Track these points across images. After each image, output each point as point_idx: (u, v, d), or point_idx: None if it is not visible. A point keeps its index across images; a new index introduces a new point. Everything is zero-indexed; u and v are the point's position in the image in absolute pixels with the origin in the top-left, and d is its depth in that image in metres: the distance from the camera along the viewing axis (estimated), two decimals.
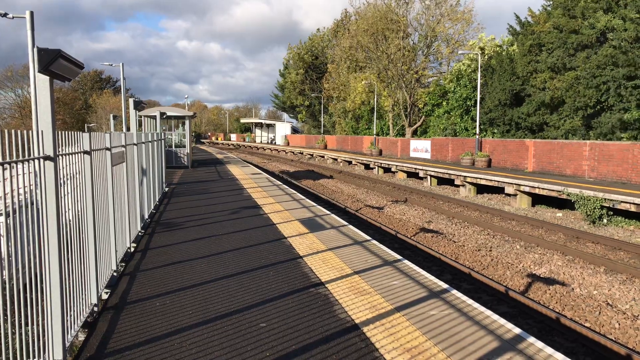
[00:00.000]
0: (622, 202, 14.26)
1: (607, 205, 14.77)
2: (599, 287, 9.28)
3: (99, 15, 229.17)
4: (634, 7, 22.36)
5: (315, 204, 13.58)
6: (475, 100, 32.50)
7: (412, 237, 13.77)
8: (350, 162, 39.38)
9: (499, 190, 20.73)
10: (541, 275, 10.22)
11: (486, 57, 35.53)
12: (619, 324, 7.76)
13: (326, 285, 6.25)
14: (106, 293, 6.04)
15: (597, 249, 12.27)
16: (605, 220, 14.96)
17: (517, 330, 4.88)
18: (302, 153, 52.87)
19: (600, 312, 8.24)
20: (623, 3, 23.83)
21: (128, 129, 29.20)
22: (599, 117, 24.70)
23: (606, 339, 6.94)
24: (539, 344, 4.57)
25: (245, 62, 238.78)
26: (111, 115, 24.68)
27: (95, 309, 5.43)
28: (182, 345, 4.54)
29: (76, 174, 5.01)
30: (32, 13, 16.38)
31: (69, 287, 4.52)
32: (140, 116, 23.88)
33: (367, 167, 36.02)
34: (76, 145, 4.95)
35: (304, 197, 15.02)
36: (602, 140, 23.01)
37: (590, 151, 20.22)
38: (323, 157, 46.11)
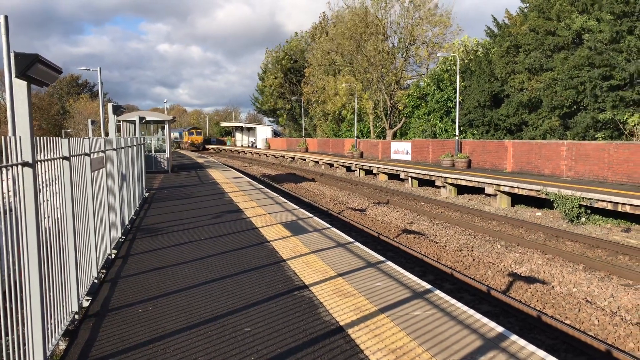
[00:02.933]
0: (599, 200, 14.52)
1: (585, 204, 15.02)
2: (578, 285, 9.44)
3: (77, 19, 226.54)
4: (609, 9, 22.83)
5: (297, 207, 13.57)
6: (455, 102, 32.84)
7: (395, 239, 13.83)
8: (331, 165, 39.44)
9: (479, 190, 20.95)
10: (522, 274, 10.35)
11: (469, 58, 35.91)
12: (598, 320, 7.89)
13: (310, 288, 6.25)
14: (87, 300, 5.96)
15: (576, 247, 12.47)
16: (583, 219, 15.21)
17: (499, 329, 4.93)
18: (283, 156, 52.80)
19: (580, 309, 8.38)
20: (598, 5, 24.32)
21: (106, 134, 28.85)
22: (576, 116, 25.15)
23: (586, 335, 7.06)
24: (522, 342, 4.63)
25: (227, 65, 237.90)
26: (89, 120, 24.36)
27: (77, 316, 5.35)
28: (165, 352, 4.50)
29: (55, 180, 4.94)
30: (6, 17, 16.07)
31: (49, 294, 4.44)
32: (119, 121, 23.62)
33: (348, 169, 36.11)
34: (55, 151, 4.87)
35: (286, 201, 15.01)
36: (579, 139, 23.43)
37: (568, 151, 20.56)
38: (304, 160, 46.10)
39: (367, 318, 5.23)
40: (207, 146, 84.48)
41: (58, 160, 5.02)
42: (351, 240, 9.16)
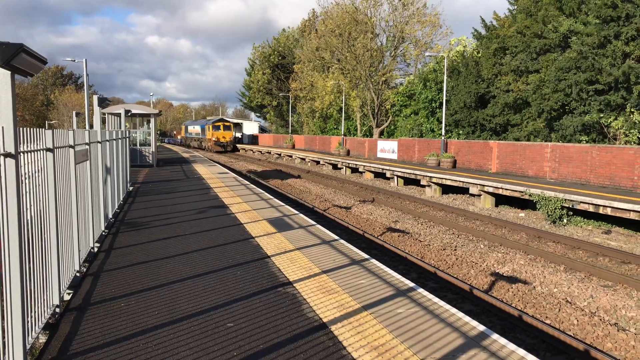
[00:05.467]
0: (581, 202, 14.71)
1: (567, 206, 15.21)
2: (559, 285, 9.56)
3: (65, 8, 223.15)
4: (596, 13, 23.08)
5: (283, 204, 13.56)
6: (441, 102, 33.01)
7: (379, 237, 13.89)
8: (318, 162, 39.44)
9: (463, 190, 21.10)
10: (504, 274, 10.46)
11: (459, 58, 36.02)
12: (578, 321, 8.01)
13: (294, 285, 6.25)
14: (68, 294, 5.90)
15: (558, 248, 12.63)
16: (565, 220, 15.40)
17: (481, 328, 4.98)
18: (269, 152, 52.68)
19: (560, 309, 8.49)
20: (585, 9, 24.57)
21: (91, 126, 28.56)
22: (561, 119, 25.43)
23: (565, 335, 7.16)
24: (502, 341, 4.68)
25: (216, 59, 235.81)
26: (74, 112, 24.07)
27: (58, 310, 5.30)
28: (147, 346, 4.48)
29: (38, 171, 4.88)
30: None
31: (30, 287, 4.40)
32: (104, 113, 23.37)
33: (335, 167, 36.14)
34: (38, 142, 4.82)
35: (271, 197, 14.98)
36: (564, 142, 23.70)
37: (552, 153, 20.79)
38: (291, 156, 46.05)
39: (351, 315, 5.25)
40: (238, 146, 63.83)
41: (41, 151, 4.96)
42: (336, 237, 9.18)
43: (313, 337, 4.71)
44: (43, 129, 5.00)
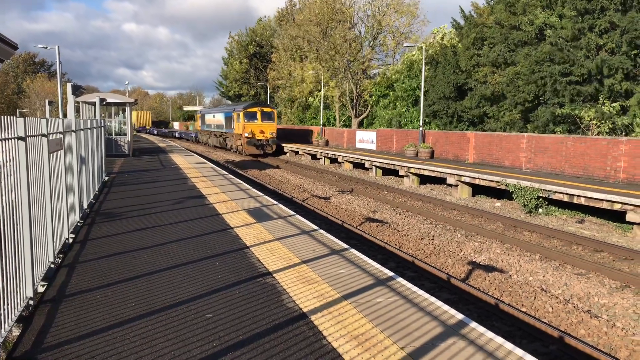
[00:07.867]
0: (556, 192, 14.96)
1: (543, 196, 15.45)
2: (534, 274, 9.71)
3: None
4: (571, 5, 23.37)
5: (262, 194, 13.49)
6: (421, 91, 33.17)
7: (358, 227, 13.93)
8: (297, 152, 39.32)
9: (441, 180, 21.27)
10: (481, 263, 10.59)
11: (439, 49, 36.11)
12: (552, 308, 8.15)
13: (274, 275, 6.23)
14: (43, 286, 5.78)
15: (533, 237, 12.83)
16: (540, 210, 15.65)
17: (459, 316, 5.02)
18: None
19: (535, 297, 8.63)
20: (561, 1, 24.88)
21: (65, 115, 27.98)
22: (536, 110, 25.78)
23: (541, 322, 7.28)
24: (481, 329, 4.73)
25: (195, 48, 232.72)
26: (47, 100, 23.54)
27: (31, 302, 5.18)
28: (125, 338, 4.41)
29: (10, 161, 4.74)
30: None
31: (1, 279, 4.28)
32: (78, 102, 22.92)
33: (313, 157, 36.08)
34: (9, 130, 4.67)
35: (250, 187, 14.89)
36: (539, 133, 24.03)
37: (528, 143, 21.07)
38: None
39: (330, 305, 5.25)
40: (284, 145, 41.02)
41: (13, 140, 4.82)
42: (315, 227, 9.17)
43: (293, 327, 4.69)
44: (14, 117, 4.86)
